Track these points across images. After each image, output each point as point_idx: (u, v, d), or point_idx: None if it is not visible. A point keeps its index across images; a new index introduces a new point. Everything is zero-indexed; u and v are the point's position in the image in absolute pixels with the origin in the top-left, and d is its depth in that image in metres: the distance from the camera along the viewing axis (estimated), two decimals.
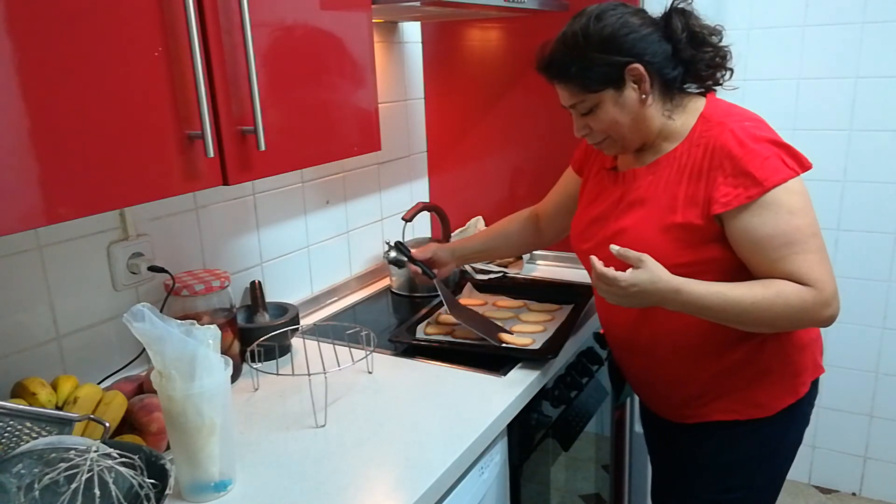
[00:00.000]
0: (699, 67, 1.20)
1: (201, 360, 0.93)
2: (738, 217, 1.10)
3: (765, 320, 1.11)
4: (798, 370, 1.25)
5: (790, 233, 1.08)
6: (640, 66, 1.14)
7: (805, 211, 1.10)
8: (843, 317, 2.39)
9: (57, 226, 0.95)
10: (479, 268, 1.93)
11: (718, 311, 1.11)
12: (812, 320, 1.12)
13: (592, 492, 1.77)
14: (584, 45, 1.15)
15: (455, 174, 2.13)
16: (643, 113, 1.18)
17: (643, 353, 1.31)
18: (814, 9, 2.22)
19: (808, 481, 2.59)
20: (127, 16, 0.85)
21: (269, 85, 1.05)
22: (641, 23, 1.16)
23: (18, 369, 1.12)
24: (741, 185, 1.09)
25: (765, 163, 1.09)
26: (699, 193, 1.13)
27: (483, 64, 1.98)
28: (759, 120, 1.17)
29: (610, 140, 1.22)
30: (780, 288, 1.08)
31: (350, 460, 1.07)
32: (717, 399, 1.25)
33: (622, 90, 1.16)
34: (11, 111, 0.75)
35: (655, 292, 1.09)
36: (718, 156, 1.12)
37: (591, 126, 1.22)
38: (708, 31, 1.20)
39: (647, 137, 1.21)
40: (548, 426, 1.41)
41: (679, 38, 1.17)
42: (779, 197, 1.08)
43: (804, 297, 1.08)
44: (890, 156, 2.22)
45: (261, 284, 1.50)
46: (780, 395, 1.24)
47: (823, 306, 1.09)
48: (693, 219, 1.13)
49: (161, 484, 0.84)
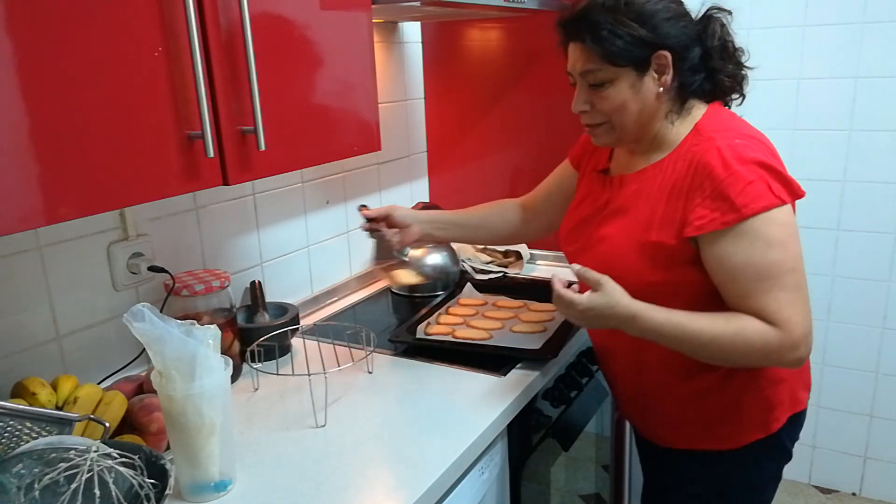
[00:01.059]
0: (722, 79, 1.15)
1: (201, 360, 0.93)
2: (712, 242, 1.04)
3: (724, 357, 1.07)
4: (771, 405, 1.18)
5: (764, 267, 1.02)
6: (671, 56, 1.09)
7: (785, 244, 1.03)
8: (843, 317, 2.44)
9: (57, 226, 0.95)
10: (478, 268, 1.93)
11: (676, 341, 1.07)
12: (775, 362, 1.07)
13: (592, 492, 1.77)
14: (623, 10, 1.08)
15: (455, 174, 2.13)
16: (653, 106, 1.12)
17: (619, 364, 1.29)
18: (814, 9, 2.22)
19: (808, 481, 2.59)
20: (127, 16, 0.85)
21: (269, 85, 1.05)
22: (682, 14, 1.12)
23: (18, 369, 1.12)
24: (718, 209, 1.03)
25: (746, 187, 1.01)
26: (676, 213, 1.08)
27: (483, 64, 1.98)
28: (754, 138, 1.09)
29: (608, 126, 1.15)
30: (743, 325, 1.03)
31: (350, 460, 1.07)
32: (686, 425, 1.22)
33: (643, 75, 1.10)
34: (11, 111, 0.75)
35: (612, 317, 1.06)
36: (700, 174, 1.05)
37: (595, 103, 1.14)
38: (735, 47, 1.16)
39: (645, 135, 1.16)
40: (548, 426, 1.41)
41: (713, 45, 1.13)
42: (757, 227, 1.01)
43: (767, 339, 1.02)
44: (890, 156, 2.22)
45: (261, 284, 1.50)
46: (749, 428, 1.18)
47: (789, 349, 1.03)
48: (666, 238, 1.08)
49: (161, 484, 0.84)
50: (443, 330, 1.50)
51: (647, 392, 1.26)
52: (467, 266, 1.93)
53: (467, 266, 1.93)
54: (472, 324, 1.53)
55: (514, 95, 1.96)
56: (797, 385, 1.22)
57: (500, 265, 1.95)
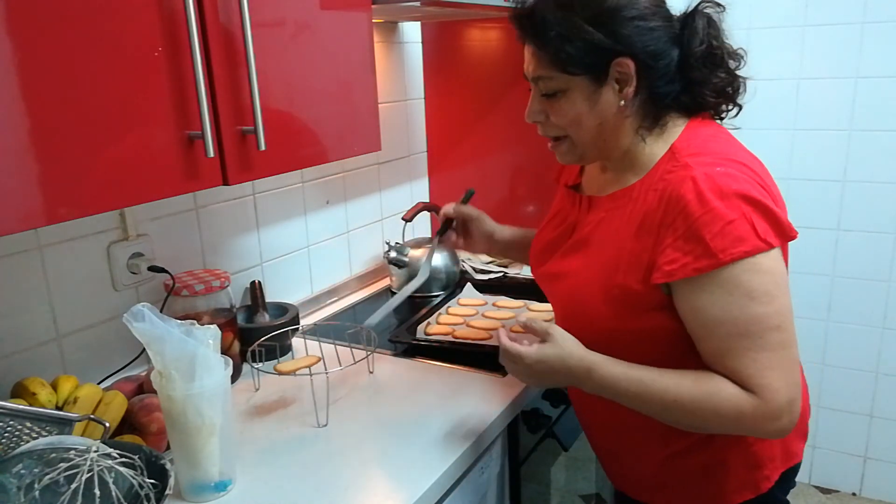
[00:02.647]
0: (703, 92, 0.97)
1: (201, 360, 0.93)
2: (685, 290, 0.89)
3: (689, 422, 0.93)
4: (759, 462, 1.02)
5: (744, 323, 0.86)
6: (633, 63, 0.92)
7: (770, 297, 0.86)
8: (843, 317, 2.44)
9: (57, 226, 0.95)
10: (478, 268, 1.93)
11: (636, 400, 0.93)
12: (752, 432, 0.92)
13: (592, 492, 1.77)
14: (577, 9, 0.92)
15: (455, 174, 2.13)
16: (614, 122, 0.96)
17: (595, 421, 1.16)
18: (814, 9, 2.22)
19: (808, 481, 2.59)
20: (127, 16, 0.85)
21: (269, 85, 1.05)
22: (654, 12, 0.94)
23: (18, 369, 1.12)
24: (691, 252, 0.87)
25: (725, 227, 0.85)
26: (644, 254, 0.92)
27: (483, 64, 1.98)
28: (740, 163, 0.91)
29: (568, 142, 1.01)
30: (715, 388, 0.88)
31: (350, 460, 1.07)
32: (668, 486, 1.08)
33: (601, 85, 0.94)
34: (11, 111, 0.75)
35: (564, 370, 0.94)
36: (672, 210, 0.89)
37: (549, 114, 0.99)
38: (728, 52, 0.99)
39: (610, 153, 1.00)
40: (548, 426, 1.41)
41: (694, 50, 0.95)
42: (737, 276, 0.86)
43: (741, 407, 0.87)
44: (890, 156, 2.22)
45: (261, 284, 1.50)
46: (736, 487, 1.03)
47: (767, 419, 0.88)
48: (632, 283, 0.93)
49: (161, 484, 0.84)
50: (443, 330, 1.50)
51: (625, 452, 1.12)
52: (467, 266, 1.93)
53: (467, 266, 1.93)
54: (472, 324, 1.53)
55: (514, 95, 1.96)
56: (791, 438, 1.05)
57: (500, 265, 1.95)
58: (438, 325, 1.53)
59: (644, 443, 1.06)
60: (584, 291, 1.00)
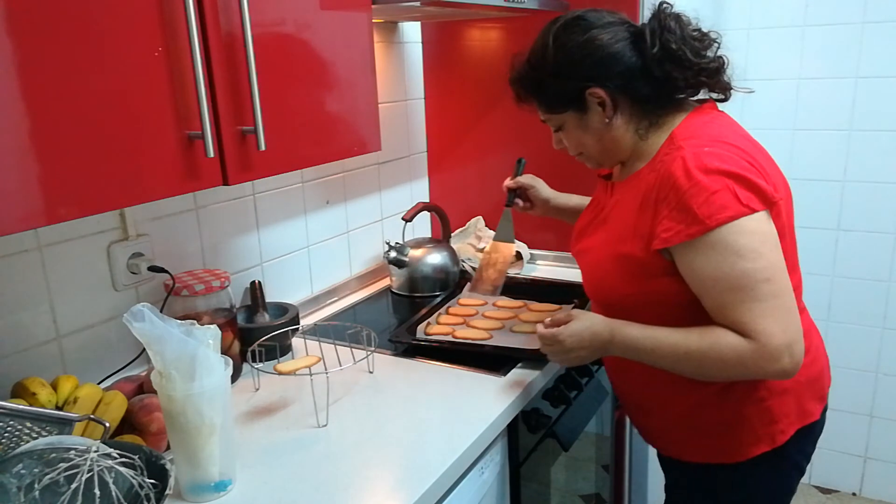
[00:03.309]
0: (676, 86, 1.11)
1: (201, 360, 0.93)
2: (682, 255, 1.02)
3: (702, 372, 1.06)
4: (774, 417, 1.13)
5: (735, 278, 0.98)
6: (601, 90, 1.09)
7: (757, 253, 0.98)
8: (843, 317, 2.44)
9: (57, 226, 0.95)
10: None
11: (654, 357, 1.07)
12: (758, 375, 1.03)
13: (592, 492, 1.77)
14: (541, 65, 1.13)
15: (455, 174, 2.13)
16: (609, 135, 1.13)
17: (621, 373, 1.29)
18: (814, 9, 2.22)
19: (808, 481, 2.59)
20: (127, 16, 0.85)
21: (269, 85, 1.05)
22: (611, 37, 1.09)
23: (18, 369, 1.12)
24: (682, 220, 1.00)
25: (709, 198, 0.98)
26: (645, 225, 1.06)
27: (483, 64, 1.98)
28: (727, 143, 1.04)
29: (585, 156, 1.21)
30: (717, 338, 1.01)
31: (350, 460, 1.07)
32: (690, 438, 1.20)
33: (585, 112, 1.12)
34: (12, 111, 0.75)
35: (591, 337, 1.10)
36: (665, 186, 1.03)
37: (564, 142, 1.21)
38: (691, 49, 1.09)
39: (620, 156, 1.17)
40: (548, 426, 1.41)
41: (650, 55, 1.08)
42: (725, 237, 0.98)
43: (741, 352, 0.99)
44: (890, 156, 2.22)
45: (261, 284, 1.50)
46: (752, 441, 1.14)
47: (767, 361, 0.99)
48: (636, 251, 1.08)
49: (161, 484, 0.84)
50: (443, 330, 1.50)
51: (651, 405, 1.25)
52: (467, 266, 1.93)
53: (467, 266, 1.93)
54: (472, 324, 1.53)
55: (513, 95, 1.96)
56: (805, 396, 1.17)
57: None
58: (438, 325, 1.53)
59: (667, 395, 1.19)
60: (601, 262, 1.16)
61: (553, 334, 1.13)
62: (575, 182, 1.64)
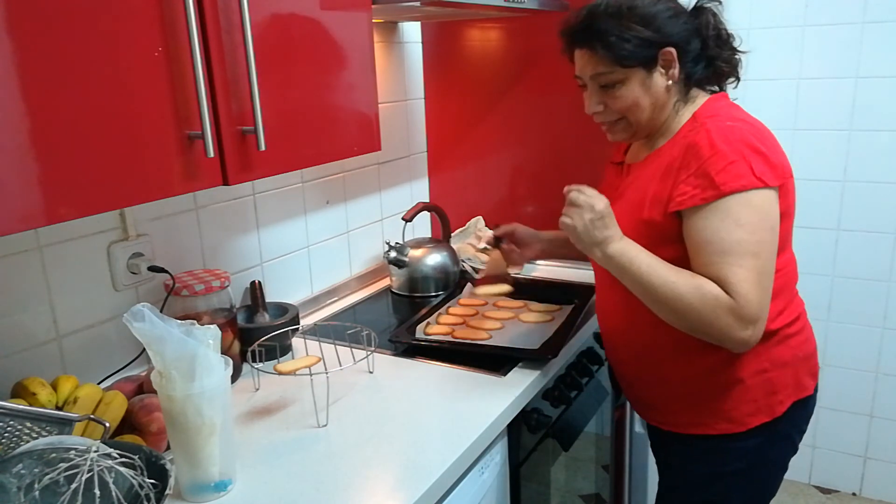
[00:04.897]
0: (720, 65, 1.20)
1: (201, 360, 0.93)
2: (690, 217, 1.09)
3: (673, 306, 1.08)
4: (775, 388, 1.19)
5: (728, 243, 1.05)
6: (675, 51, 1.14)
7: (755, 227, 1.05)
8: (843, 317, 2.44)
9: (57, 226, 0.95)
10: (478, 268, 1.93)
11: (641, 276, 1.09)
12: (722, 333, 1.07)
13: (592, 492, 1.77)
14: (627, 15, 1.14)
15: (455, 174, 2.13)
16: (664, 100, 1.18)
17: (623, 346, 1.31)
18: (814, 9, 2.22)
19: (808, 481, 2.59)
20: (127, 16, 0.85)
21: (269, 85, 1.05)
22: (678, 11, 1.17)
23: (18, 369, 1.12)
24: (699, 185, 1.07)
25: (728, 166, 1.05)
26: (664, 192, 1.12)
27: (483, 64, 1.98)
28: (747, 122, 1.13)
29: (624, 122, 1.20)
30: (703, 283, 1.06)
31: (350, 460, 1.07)
32: (689, 409, 1.23)
33: (652, 72, 1.15)
34: (12, 111, 0.75)
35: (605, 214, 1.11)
36: (689, 154, 1.10)
37: (608, 103, 1.19)
38: (728, 33, 1.22)
39: (655, 127, 1.21)
40: (548, 426, 1.41)
41: (709, 34, 1.18)
42: (730, 205, 1.05)
43: (720, 303, 1.04)
44: (890, 156, 2.22)
45: (261, 284, 1.50)
46: (752, 410, 1.19)
47: (739, 322, 1.04)
48: (655, 216, 1.13)
49: (161, 484, 0.84)
50: (443, 330, 1.50)
51: (651, 374, 1.28)
52: (467, 266, 1.93)
53: (467, 266, 1.93)
54: (472, 324, 1.53)
55: (514, 95, 1.96)
56: (802, 370, 1.22)
57: None
58: (438, 325, 1.53)
59: (671, 364, 1.22)
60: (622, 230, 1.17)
61: (592, 200, 1.12)
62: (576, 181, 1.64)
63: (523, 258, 1.50)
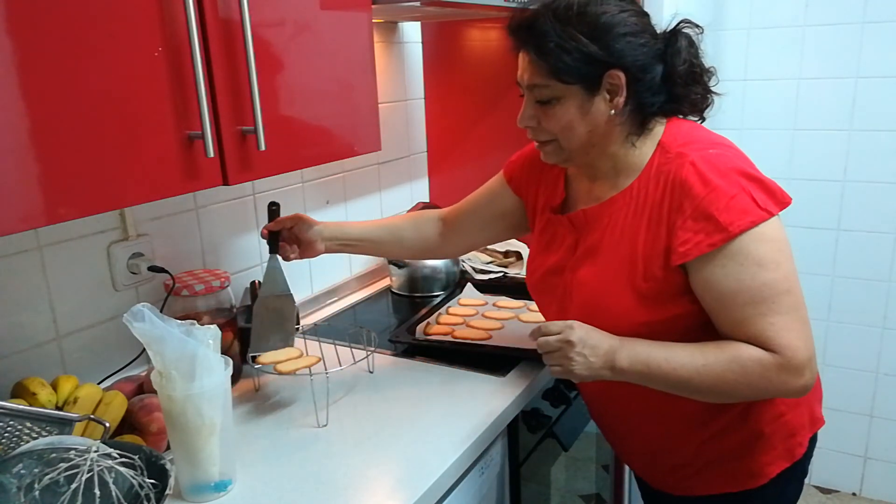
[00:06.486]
0: (682, 105, 1.05)
1: (201, 360, 0.93)
2: (699, 268, 0.95)
3: (718, 390, 0.96)
4: (793, 430, 1.09)
5: (757, 290, 0.93)
6: (623, 75, 0.98)
7: (777, 263, 0.93)
8: (843, 317, 2.44)
9: (57, 226, 0.95)
10: (478, 268, 1.93)
11: (664, 372, 0.96)
12: (779, 391, 0.97)
13: (592, 492, 1.77)
14: (575, 21, 0.97)
15: (455, 174, 2.13)
16: (604, 130, 1.02)
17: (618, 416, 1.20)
18: (814, 9, 2.22)
19: (808, 481, 2.59)
20: (127, 16, 0.85)
21: (269, 85, 1.05)
22: (643, 30, 1.00)
23: (18, 369, 1.12)
24: (702, 230, 0.93)
25: (730, 203, 0.92)
26: (659, 242, 0.98)
27: (483, 64, 1.98)
28: (725, 146, 1.00)
29: (555, 145, 1.05)
30: (738, 351, 0.94)
31: (350, 460, 1.07)
32: (706, 469, 1.11)
33: (593, 95, 0.99)
34: (11, 111, 0.75)
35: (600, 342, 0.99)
36: (678, 195, 0.96)
37: (542, 120, 1.04)
38: (703, 70, 1.05)
39: (599, 157, 1.05)
40: (548, 426, 1.41)
41: (677, 68, 1.01)
42: (746, 246, 0.93)
43: (766, 366, 0.93)
44: (890, 156, 2.22)
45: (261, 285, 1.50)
46: (774, 459, 1.08)
47: (792, 375, 0.93)
48: (655, 271, 0.99)
49: (161, 484, 0.84)
50: (443, 330, 1.50)
51: (655, 442, 1.16)
52: (467, 266, 1.93)
53: (467, 266, 1.93)
54: (472, 324, 1.53)
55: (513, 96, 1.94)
56: (814, 403, 1.14)
57: (500, 265, 1.95)
58: (438, 325, 1.53)
59: (681, 430, 1.10)
60: (608, 294, 1.04)
61: (563, 334, 0.99)
62: None
63: (300, 257, 1.29)
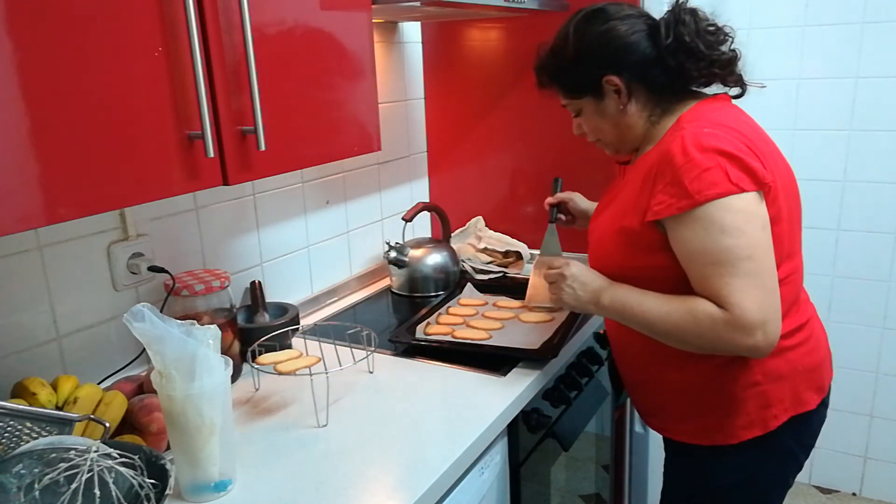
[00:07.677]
0: (689, 76, 1.16)
1: (201, 360, 0.93)
2: (673, 227, 1.07)
3: (675, 336, 1.10)
4: (769, 402, 1.16)
5: (717, 252, 1.02)
6: (617, 77, 1.15)
7: (741, 231, 1.02)
8: (843, 317, 2.44)
9: (57, 226, 0.95)
10: (479, 268, 1.93)
11: (636, 315, 1.12)
12: (729, 347, 1.05)
13: (592, 492, 1.77)
14: (562, 52, 1.20)
15: (455, 174, 2.13)
16: (624, 121, 1.19)
17: (627, 352, 1.31)
18: (814, 9, 2.22)
19: (808, 481, 2.59)
20: (127, 16, 0.85)
21: (269, 85, 1.05)
22: (628, 28, 1.15)
23: (18, 369, 1.12)
24: (674, 194, 1.05)
25: (701, 174, 1.02)
26: (643, 200, 1.11)
27: (483, 64, 1.98)
28: (727, 126, 1.09)
29: (603, 142, 1.27)
30: (695, 305, 1.05)
31: (350, 460, 1.07)
32: (685, 417, 1.23)
33: (602, 98, 1.19)
34: (12, 111, 0.75)
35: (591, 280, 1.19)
36: (664, 162, 1.08)
37: (583, 127, 1.27)
38: (704, 42, 1.14)
39: (634, 142, 1.23)
40: (548, 426, 1.41)
41: (664, 46, 1.13)
42: (712, 213, 1.02)
43: (715, 319, 1.03)
44: (890, 156, 2.22)
45: (261, 284, 1.50)
46: (745, 423, 1.16)
47: (739, 333, 1.02)
48: (634, 224, 1.12)
49: (161, 484, 0.84)
50: (443, 330, 1.50)
51: (648, 382, 1.29)
52: (467, 266, 1.93)
53: (467, 266, 1.93)
54: (472, 324, 1.53)
55: (514, 95, 1.96)
56: (802, 385, 1.19)
57: (500, 265, 1.95)
58: (438, 325, 1.53)
59: (662, 370, 1.23)
60: (604, 237, 1.22)
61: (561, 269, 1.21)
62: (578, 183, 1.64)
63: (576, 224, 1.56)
